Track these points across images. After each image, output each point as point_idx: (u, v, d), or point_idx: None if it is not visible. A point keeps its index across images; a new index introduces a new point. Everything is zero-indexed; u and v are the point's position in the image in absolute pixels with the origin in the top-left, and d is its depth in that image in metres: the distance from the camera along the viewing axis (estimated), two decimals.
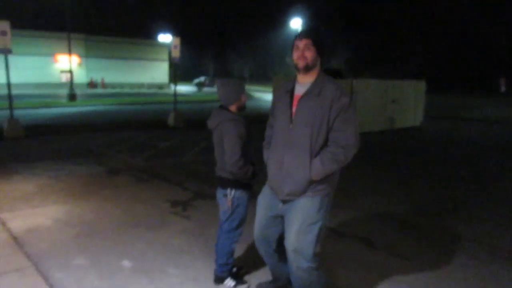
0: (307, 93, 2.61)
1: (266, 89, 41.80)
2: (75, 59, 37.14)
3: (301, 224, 2.63)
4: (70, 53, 24.42)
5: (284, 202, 2.74)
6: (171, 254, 3.91)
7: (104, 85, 40.64)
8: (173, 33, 39.10)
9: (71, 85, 24.48)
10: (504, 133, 14.40)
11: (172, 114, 13.83)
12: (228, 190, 3.12)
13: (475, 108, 24.33)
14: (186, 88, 43.99)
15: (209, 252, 3.84)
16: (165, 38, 43.51)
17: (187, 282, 3.39)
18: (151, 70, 45.02)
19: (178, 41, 13.43)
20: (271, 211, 2.83)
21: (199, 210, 5.24)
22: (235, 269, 3.44)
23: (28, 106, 19.18)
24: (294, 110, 2.65)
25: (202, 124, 3.94)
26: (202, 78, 46.50)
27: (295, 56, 2.61)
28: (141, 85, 43.34)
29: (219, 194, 3.22)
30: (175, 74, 18.04)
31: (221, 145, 3.10)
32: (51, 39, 36.98)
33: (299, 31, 2.82)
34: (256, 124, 3.89)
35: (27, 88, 31.82)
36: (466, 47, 48.86)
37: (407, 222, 5.02)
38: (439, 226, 4.95)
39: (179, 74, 54.00)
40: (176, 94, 14.54)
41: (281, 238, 2.86)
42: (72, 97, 23.48)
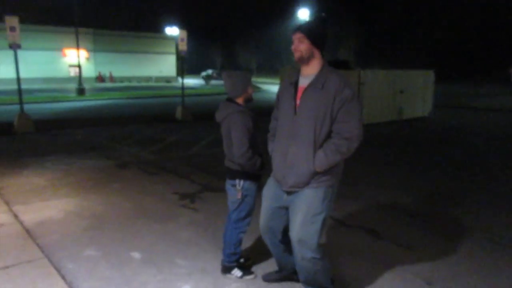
0: (311, 85, 2.64)
1: (274, 81, 41.68)
2: (83, 53, 37.22)
3: (305, 215, 2.67)
4: (78, 47, 24.53)
5: (288, 193, 2.78)
6: (179, 246, 3.97)
7: (112, 79, 40.79)
8: (180, 26, 39.01)
9: (80, 79, 24.62)
10: None
11: (179, 108, 13.88)
12: (237, 181, 3.16)
13: (485, 97, 24.04)
14: (194, 81, 43.97)
15: (216, 243, 3.90)
16: (172, 31, 43.32)
17: (195, 273, 3.45)
18: (158, 64, 45.03)
19: (185, 34, 13.42)
20: (276, 202, 2.87)
21: (207, 202, 5.30)
22: (242, 259, 3.49)
23: (38, 101, 19.36)
24: (298, 102, 2.68)
25: (210, 117, 3.97)
26: (210, 71, 46.35)
27: (292, 48, 2.71)
28: (149, 78, 43.42)
29: (228, 184, 3.27)
30: (182, 67, 18.02)
31: (229, 137, 3.13)
32: (59, 33, 37.06)
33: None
34: (264, 116, 3.90)
35: (36, 83, 31.99)
36: (476, 36, 48.13)
37: (413, 212, 5.03)
38: (445, 216, 4.95)
39: (186, 67, 54.05)
40: (183, 88, 14.57)
41: (286, 229, 2.90)
42: (80, 91, 23.65)
